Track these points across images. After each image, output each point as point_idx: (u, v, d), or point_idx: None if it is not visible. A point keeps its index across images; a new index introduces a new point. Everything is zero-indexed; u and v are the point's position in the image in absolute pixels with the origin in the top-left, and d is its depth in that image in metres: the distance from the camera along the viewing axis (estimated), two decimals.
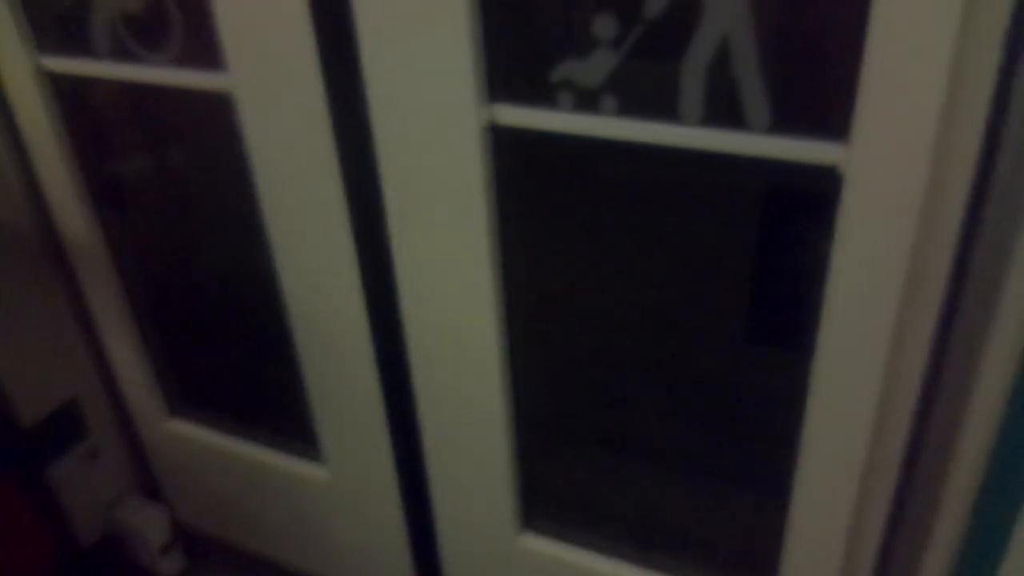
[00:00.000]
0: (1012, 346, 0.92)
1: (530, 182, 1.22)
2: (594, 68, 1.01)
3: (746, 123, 0.96)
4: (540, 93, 1.07)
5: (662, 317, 1.31)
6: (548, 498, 1.51)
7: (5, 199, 1.54)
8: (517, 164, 1.17)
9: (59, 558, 1.72)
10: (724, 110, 0.97)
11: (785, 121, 0.95)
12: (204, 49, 1.24)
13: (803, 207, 1.01)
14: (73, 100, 1.48)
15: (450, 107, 1.09)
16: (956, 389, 0.98)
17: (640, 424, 1.44)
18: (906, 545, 1.13)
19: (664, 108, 1.00)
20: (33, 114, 1.47)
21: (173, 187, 1.63)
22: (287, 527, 1.81)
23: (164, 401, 1.81)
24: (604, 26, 0.98)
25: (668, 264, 1.26)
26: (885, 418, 1.05)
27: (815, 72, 0.96)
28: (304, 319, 1.45)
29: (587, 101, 1.04)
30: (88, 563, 1.84)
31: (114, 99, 1.51)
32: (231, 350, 1.77)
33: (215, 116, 1.33)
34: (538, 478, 1.48)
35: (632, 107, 1.02)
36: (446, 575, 1.65)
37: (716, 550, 1.43)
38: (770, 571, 1.29)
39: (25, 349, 1.62)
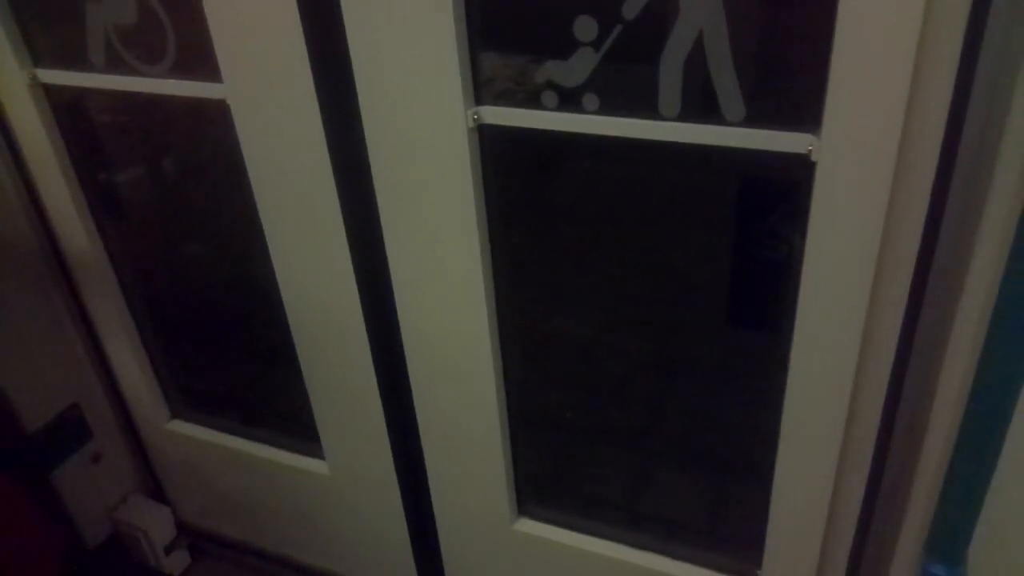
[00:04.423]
0: (977, 325, 0.96)
1: (517, 177, 1.25)
2: (576, 68, 1.05)
3: (722, 116, 1.00)
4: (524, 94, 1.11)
5: (645, 306, 1.35)
6: (541, 485, 1.54)
7: (4, 210, 1.56)
8: (504, 160, 1.20)
9: (67, 559, 1.74)
10: (701, 104, 1.00)
11: (759, 113, 0.98)
12: (198, 59, 1.26)
13: (777, 194, 1.05)
14: (69, 111, 1.50)
15: (439, 109, 1.12)
16: (926, 365, 1.02)
17: (627, 412, 1.48)
18: (883, 519, 1.17)
19: (644, 104, 1.03)
20: (30, 126, 1.49)
21: (171, 194, 1.65)
22: (289, 522, 1.83)
23: (165, 403, 1.84)
24: (584, 27, 1.02)
25: (650, 254, 1.30)
26: (860, 395, 1.09)
27: (787, 66, 0.99)
28: (302, 319, 1.47)
29: (570, 99, 1.08)
30: (94, 563, 1.86)
31: (110, 109, 1.53)
32: (230, 351, 1.79)
33: (210, 124, 1.36)
34: (531, 466, 1.51)
35: (613, 104, 1.06)
36: (445, 562, 1.69)
37: (702, 528, 1.47)
38: (755, 548, 1.33)
39: (27, 356, 1.64)
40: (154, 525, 1.89)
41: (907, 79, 0.86)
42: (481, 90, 1.13)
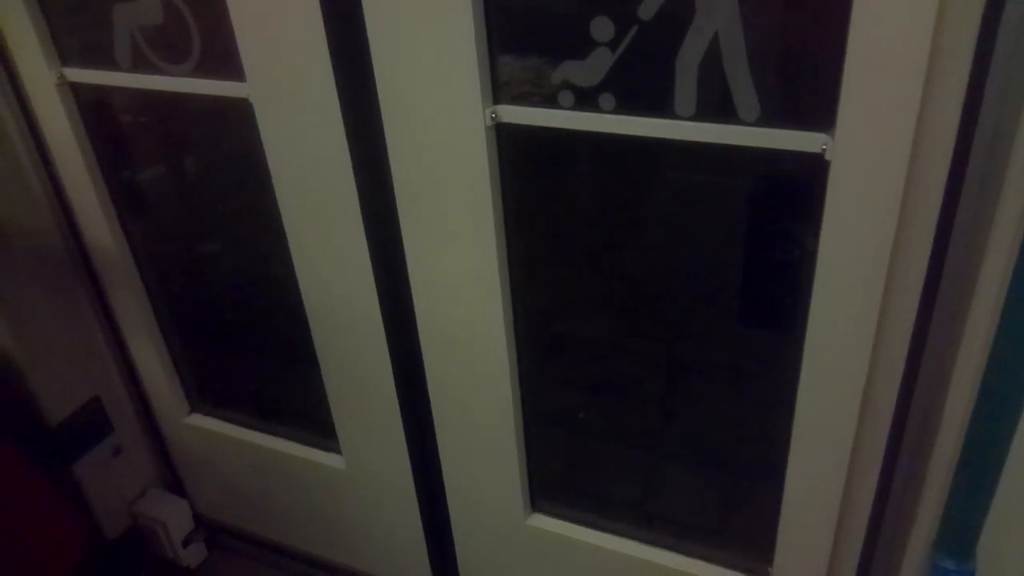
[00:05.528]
0: (989, 323, 0.96)
1: (534, 177, 1.27)
2: (592, 68, 1.06)
3: (737, 116, 1.01)
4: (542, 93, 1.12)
5: (659, 306, 1.35)
6: (555, 482, 1.55)
7: (31, 206, 1.59)
8: (522, 159, 1.21)
9: (87, 551, 1.77)
10: (716, 104, 1.01)
11: (774, 113, 0.99)
12: (222, 59, 1.28)
13: (791, 194, 1.06)
14: (95, 110, 1.52)
15: (457, 108, 1.14)
16: (938, 363, 1.02)
17: (640, 411, 1.48)
18: (894, 516, 1.17)
19: (659, 104, 1.05)
20: (56, 124, 1.51)
21: (193, 192, 1.67)
22: (305, 516, 1.85)
23: (184, 397, 1.86)
24: (601, 28, 1.03)
25: (663, 254, 1.30)
26: (872, 394, 1.10)
27: (801, 66, 1.00)
28: (321, 315, 1.49)
29: (586, 99, 1.09)
30: (114, 555, 1.88)
31: (135, 108, 1.55)
32: (249, 347, 1.81)
33: (233, 123, 1.38)
34: (545, 463, 1.52)
35: (629, 104, 1.07)
36: (459, 557, 1.69)
37: (714, 525, 1.48)
38: (767, 545, 1.33)
39: (50, 350, 1.66)
40: (172, 518, 1.91)
41: (920, 79, 0.87)
42: (499, 90, 1.14)
